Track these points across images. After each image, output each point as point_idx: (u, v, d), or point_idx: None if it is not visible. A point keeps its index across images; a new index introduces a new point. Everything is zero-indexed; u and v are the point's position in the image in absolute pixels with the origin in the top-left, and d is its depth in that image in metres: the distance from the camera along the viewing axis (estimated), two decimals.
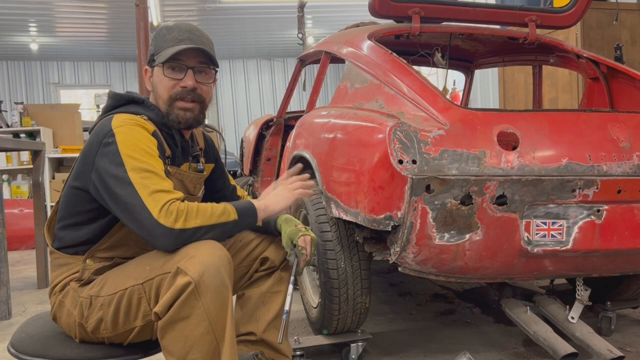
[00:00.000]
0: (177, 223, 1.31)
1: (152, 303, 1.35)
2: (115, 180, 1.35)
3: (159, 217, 1.30)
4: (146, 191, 1.32)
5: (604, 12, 4.00)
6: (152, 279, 1.34)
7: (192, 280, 1.27)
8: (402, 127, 1.60)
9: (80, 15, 8.62)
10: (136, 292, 1.37)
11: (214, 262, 1.30)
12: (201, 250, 1.31)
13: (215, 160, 1.79)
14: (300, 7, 7.58)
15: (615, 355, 1.85)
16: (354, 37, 2.43)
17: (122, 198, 1.33)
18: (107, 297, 1.40)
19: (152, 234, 1.31)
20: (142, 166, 1.36)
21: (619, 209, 1.72)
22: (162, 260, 1.35)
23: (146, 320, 1.38)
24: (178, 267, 1.29)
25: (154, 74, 1.55)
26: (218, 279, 1.30)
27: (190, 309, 1.29)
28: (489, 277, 1.85)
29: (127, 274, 1.40)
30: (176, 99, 1.52)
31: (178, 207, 1.33)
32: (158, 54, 1.53)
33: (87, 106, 11.82)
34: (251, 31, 10.14)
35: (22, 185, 6.40)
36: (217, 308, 1.30)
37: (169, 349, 1.33)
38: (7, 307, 2.96)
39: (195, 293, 1.27)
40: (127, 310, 1.38)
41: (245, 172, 4.22)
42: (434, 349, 2.31)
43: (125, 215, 1.34)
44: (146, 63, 1.59)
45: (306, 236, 1.60)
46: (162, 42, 1.53)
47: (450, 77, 6.19)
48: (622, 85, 2.48)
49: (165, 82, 1.52)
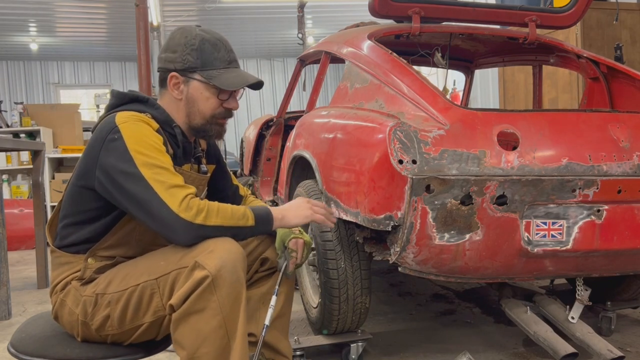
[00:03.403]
0: (197, 218, 1.33)
1: (166, 298, 1.36)
2: (126, 177, 1.35)
3: (179, 211, 1.32)
4: (162, 187, 1.34)
5: (604, 12, 4.00)
6: (167, 273, 1.36)
7: (209, 274, 1.29)
8: (402, 127, 1.60)
9: (80, 15, 8.62)
10: (149, 288, 1.38)
11: (231, 258, 1.32)
12: (219, 245, 1.33)
13: (217, 161, 1.80)
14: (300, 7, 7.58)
15: (615, 355, 1.85)
16: (354, 37, 2.42)
17: (136, 194, 1.34)
18: (115, 294, 1.41)
19: (171, 227, 1.33)
20: (153, 162, 1.37)
21: (619, 209, 1.72)
22: (179, 255, 1.36)
23: (156, 316, 1.39)
24: (196, 261, 1.31)
25: (189, 86, 1.54)
26: (234, 274, 1.32)
27: (205, 302, 1.30)
28: (489, 277, 1.85)
29: (139, 271, 1.41)
30: (218, 118, 1.58)
31: (198, 203, 1.35)
32: (206, 70, 1.52)
33: (87, 106, 11.82)
34: (251, 31, 10.13)
35: (22, 185, 6.40)
36: (231, 303, 1.32)
37: (181, 342, 1.34)
38: (7, 307, 2.96)
39: (212, 287, 1.29)
40: (137, 306, 1.39)
41: (245, 172, 4.22)
42: (434, 349, 2.31)
43: (140, 212, 1.35)
44: (166, 67, 1.54)
45: (298, 239, 1.60)
46: (209, 59, 1.52)
47: (450, 77, 6.19)
48: (622, 85, 2.48)
49: (213, 102, 1.55)
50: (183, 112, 1.57)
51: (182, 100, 1.56)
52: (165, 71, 1.55)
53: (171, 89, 1.55)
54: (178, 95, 1.55)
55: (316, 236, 2.07)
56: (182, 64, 1.52)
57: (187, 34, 1.54)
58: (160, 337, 1.49)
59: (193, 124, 1.58)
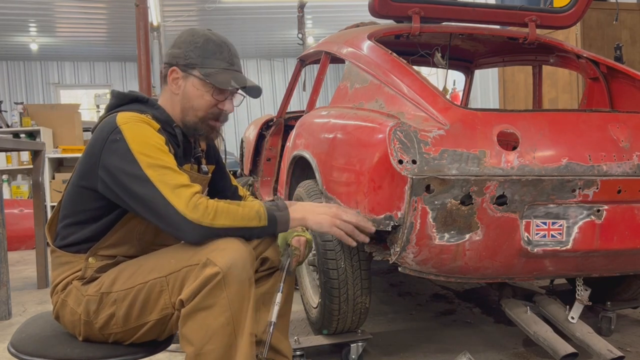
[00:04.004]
0: (205, 218, 1.34)
1: (175, 295, 1.37)
2: (131, 179, 1.36)
3: (185, 212, 1.33)
4: (167, 188, 1.34)
5: (604, 12, 4.00)
6: (178, 271, 1.36)
7: (220, 271, 1.30)
8: (402, 127, 1.60)
9: (80, 15, 8.63)
10: (158, 285, 1.38)
11: (242, 256, 1.34)
12: (230, 244, 1.35)
13: (216, 162, 1.80)
14: (300, 7, 7.59)
15: (615, 355, 1.85)
16: (354, 37, 2.43)
17: (142, 196, 1.35)
18: (121, 292, 1.41)
19: (179, 228, 1.34)
20: (157, 163, 1.37)
21: (619, 209, 1.72)
22: (190, 253, 1.37)
23: (162, 314, 1.39)
24: (208, 258, 1.32)
25: (187, 81, 1.55)
26: (244, 273, 1.34)
27: (214, 299, 1.31)
28: (489, 277, 1.85)
29: (147, 269, 1.41)
30: (210, 118, 1.58)
31: (207, 203, 1.35)
32: (205, 68, 1.53)
33: (87, 106, 11.82)
34: (251, 31, 10.14)
35: (22, 185, 6.40)
36: (239, 300, 1.33)
37: (189, 338, 1.34)
38: (7, 307, 2.96)
39: (222, 283, 1.30)
40: (143, 304, 1.39)
41: (245, 172, 4.22)
42: (434, 349, 2.31)
43: (148, 213, 1.36)
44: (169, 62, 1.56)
45: (301, 237, 1.62)
46: (210, 58, 1.54)
47: (450, 77, 6.19)
48: (622, 85, 2.48)
49: (207, 99, 1.55)
50: (178, 108, 1.58)
51: (178, 95, 1.57)
52: (168, 66, 1.57)
53: (170, 83, 1.57)
54: (176, 90, 1.57)
55: (316, 236, 2.07)
56: (184, 59, 1.54)
57: (195, 33, 1.56)
58: (163, 337, 1.49)
59: (186, 120, 1.58)
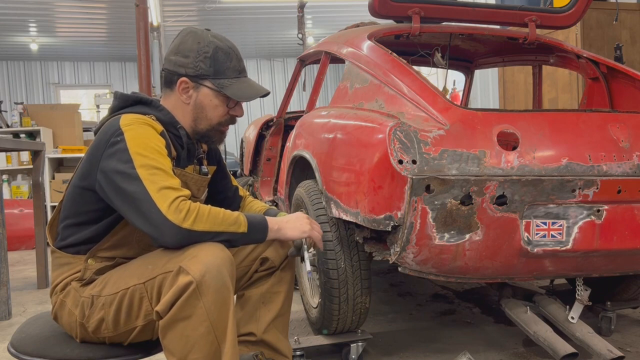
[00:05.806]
0: (185, 221, 1.31)
1: (154, 302, 1.35)
2: (122, 176, 1.35)
3: (167, 212, 1.30)
4: (154, 187, 1.33)
5: (604, 12, 4.00)
6: (154, 277, 1.35)
7: (193, 280, 1.28)
8: (402, 127, 1.60)
9: (80, 15, 8.64)
10: (138, 292, 1.37)
11: (216, 262, 1.31)
12: (204, 250, 1.32)
13: (217, 163, 1.80)
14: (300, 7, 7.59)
15: (615, 355, 1.85)
16: (354, 37, 2.43)
17: (129, 193, 1.33)
18: (108, 297, 1.41)
19: (158, 229, 1.31)
20: (151, 163, 1.36)
21: (619, 209, 1.72)
22: (165, 259, 1.35)
23: (147, 319, 1.39)
24: (180, 266, 1.30)
25: (199, 92, 1.55)
26: (219, 279, 1.30)
27: (191, 309, 1.29)
28: (489, 277, 1.85)
29: (129, 274, 1.41)
30: (223, 125, 1.62)
31: (189, 206, 1.33)
32: (217, 79, 1.53)
33: (87, 106, 11.83)
34: (251, 31, 10.15)
35: (22, 186, 6.40)
36: (218, 308, 1.31)
37: (170, 349, 1.33)
38: (7, 307, 2.96)
39: (197, 293, 1.28)
40: (128, 310, 1.39)
41: (245, 172, 4.22)
42: (434, 349, 2.31)
43: (131, 211, 1.34)
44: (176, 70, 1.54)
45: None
46: (221, 68, 1.54)
47: (450, 77, 6.19)
48: (622, 85, 2.48)
49: (221, 110, 1.58)
50: (190, 117, 1.58)
51: (189, 105, 1.57)
52: (175, 74, 1.55)
53: (180, 92, 1.56)
54: (186, 99, 1.56)
55: None
56: (194, 70, 1.53)
57: (200, 40, 1.54)
58: (156, 338, 1.49)
59: (198, 129, 1.60)
